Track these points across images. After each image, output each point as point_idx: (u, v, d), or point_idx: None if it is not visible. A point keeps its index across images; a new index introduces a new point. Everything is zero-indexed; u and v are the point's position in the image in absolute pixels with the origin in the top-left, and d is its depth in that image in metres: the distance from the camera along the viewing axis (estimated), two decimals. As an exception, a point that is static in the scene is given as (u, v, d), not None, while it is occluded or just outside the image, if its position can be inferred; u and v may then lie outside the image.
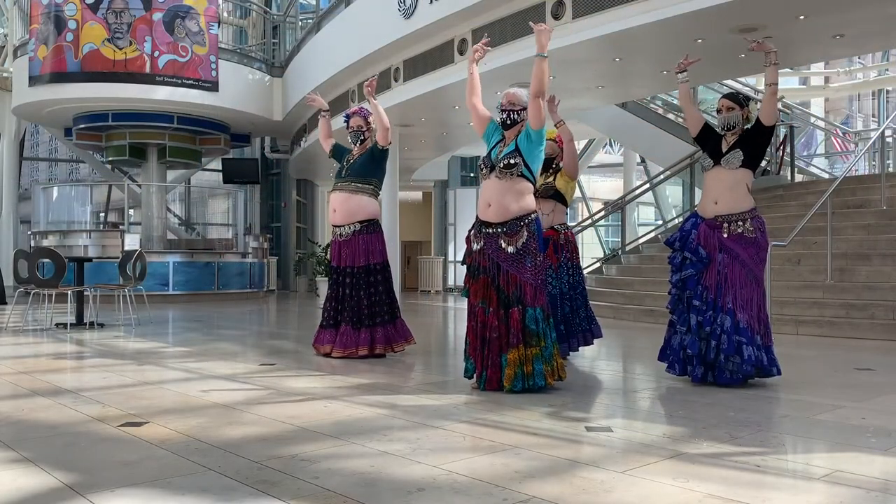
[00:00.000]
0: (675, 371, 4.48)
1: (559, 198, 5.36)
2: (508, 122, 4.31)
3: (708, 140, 4.53)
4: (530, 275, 4.17)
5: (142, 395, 4.17)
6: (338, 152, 5.92)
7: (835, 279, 7.53)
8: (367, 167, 5.67)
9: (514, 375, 4.11)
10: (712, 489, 2.44)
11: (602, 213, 13.62)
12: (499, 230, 4.22)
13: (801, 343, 6.56)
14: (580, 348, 5.46)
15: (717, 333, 4.26)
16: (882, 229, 8.16)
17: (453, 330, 8.93)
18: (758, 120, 4.39)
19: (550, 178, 5.37)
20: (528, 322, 4.14)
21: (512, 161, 4.18)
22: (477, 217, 4.36)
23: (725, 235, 4.35)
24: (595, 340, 5.53)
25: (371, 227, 5.62)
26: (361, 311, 5.55)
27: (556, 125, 5.34)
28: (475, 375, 4.31)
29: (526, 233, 4.20)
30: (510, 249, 4.18)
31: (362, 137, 5.72)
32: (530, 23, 4.39)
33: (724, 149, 4.42)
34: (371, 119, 5.74)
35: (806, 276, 7.92)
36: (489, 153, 4.35)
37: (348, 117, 5.84)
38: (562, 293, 5.27)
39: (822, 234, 7.83)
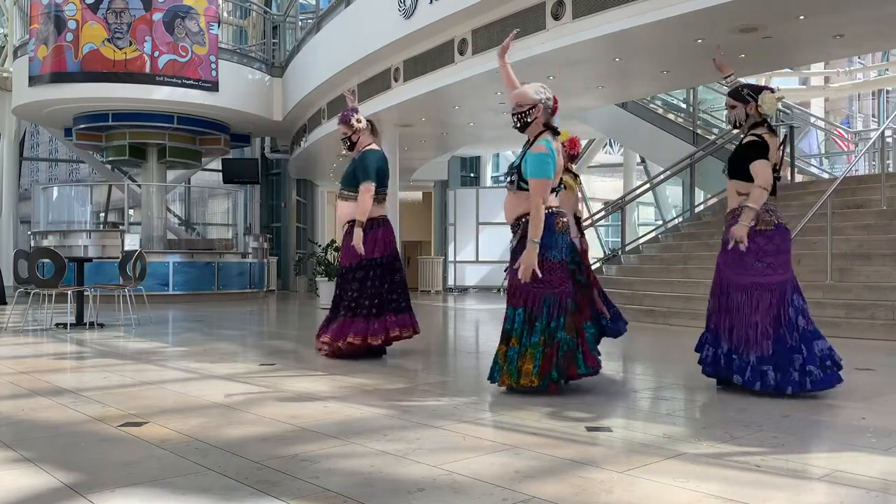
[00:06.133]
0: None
1: None
2: (520, 125, 4.17)
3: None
4: None
5: (142, 395, 4.17)
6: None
7: (835, 279, 7.53)
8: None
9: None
10: (712, 489, 2.44)
11: (602, 213, 13.59)
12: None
13: (801, 343, 6.54)
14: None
15: None
16: (882, 229, 8.15)
17: (453, 330, 8.93)
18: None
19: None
20: None
21: (511, 179, 4.11)
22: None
23: None
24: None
25: (374, 223, 5.50)
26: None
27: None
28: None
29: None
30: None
31: (349, 143, 5.60)
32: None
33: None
34: (354, 120, 5.56)
35: (806, 276, 7.88)
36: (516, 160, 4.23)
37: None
38: None
39: (822, 234, 7.82)
